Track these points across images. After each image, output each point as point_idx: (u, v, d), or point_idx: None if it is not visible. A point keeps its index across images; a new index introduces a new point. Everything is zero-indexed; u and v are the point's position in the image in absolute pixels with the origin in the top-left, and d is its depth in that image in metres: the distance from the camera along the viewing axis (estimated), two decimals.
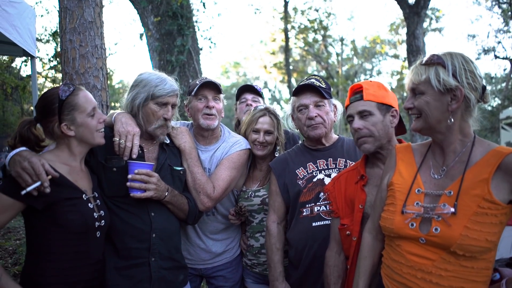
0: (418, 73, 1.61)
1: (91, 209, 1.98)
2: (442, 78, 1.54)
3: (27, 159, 1.77)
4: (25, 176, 1.74)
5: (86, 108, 1.98)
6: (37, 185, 1.75)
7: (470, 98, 1.55)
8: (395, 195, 1.71)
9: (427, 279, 1.53)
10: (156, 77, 2.29)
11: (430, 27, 25.70)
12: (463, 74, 1.54)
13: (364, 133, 1.99)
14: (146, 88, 2.25)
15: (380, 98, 2.03)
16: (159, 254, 2.22)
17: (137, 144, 2.16)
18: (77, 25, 3.00)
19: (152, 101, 2.25)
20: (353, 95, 2.07)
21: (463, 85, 1.54)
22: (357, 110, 2.01)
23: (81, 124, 1.97)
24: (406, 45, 12.65)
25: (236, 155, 2.63)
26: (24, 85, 11.60)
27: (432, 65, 1.58)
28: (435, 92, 1.57)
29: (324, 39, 27.46)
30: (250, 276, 2.80)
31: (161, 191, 2.17)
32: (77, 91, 1.99)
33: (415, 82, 1.62)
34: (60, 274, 1.86)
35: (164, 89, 2.25)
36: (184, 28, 8.18)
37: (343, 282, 2.09)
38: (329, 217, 2.29)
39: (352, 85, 2.13)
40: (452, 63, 1.55)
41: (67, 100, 1.94)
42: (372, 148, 2.00)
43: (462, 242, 1.46)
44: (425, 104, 1.60)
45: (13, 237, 6.94)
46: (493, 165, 1.50)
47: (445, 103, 1.57)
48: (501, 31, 18.95)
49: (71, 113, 1.95)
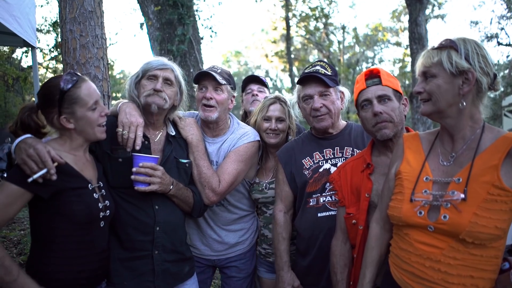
0: (430, 56, 1.60)
1: (96, 199, 1.97)
2: (455, 60, 1.53)
3: (33, 146, 1.75)
4: (30, 163, 1.72)
5: (87, 102, 1.93)
6: (44, 172, 1.73)
7: (482, 82, 1.54)
8: (403, 183, 1.69)
9: (436, 268, 1.52)
10: (151, 58, 2.32)
11: (432, 14, 25.44)
12: (476, 58, 1.53)
13: (385, 118, 1.96)
14: (140, 69, 2.28)
15: (395, 85, 2.02)
16: (162, 247, 2.21)
17: (141, 135, 2.13)
18: (77, 15, 2.97)
19: (143, 77, 2.27)
20: (370, 79, 2.02)
21: (475, 69, 1.52)
22: (377, 95, 1.97)
23: (81, 118, 1.93)
24: (408, 32, 12.52)
25: (243, 148, 2.58)
26: (25, 76, 11.59)
27: (445, 48, 1.57)
28: (447, 74, 1.56)
29: (325, 27, 27.27)
30: (263, 265, 2.80)
31: (166, 184, 2.15)
32: (80, 82, 1.94)
33: (426, 65, 1.61)
34: (65, 263, 1.87)
35: (152, 64, 2.27)
36: (185, 17, 8.12)
37: (349, 271, 2.10)
38: (335, 208, 2.28)
39: (366, 70, 2.10)
40: (464, 46, 1.55)
41: (68, 92, 1.89)
42: (392, 133, 1.97)
43: (471, 229, 1.44)
44: (437, 87, 1.58)
45: (18, 228, 6.99)
46: (503, 151, 1.49)
47: (457, 86, 1.55)
48: (504, 17, 18.75)
49: (72, 106, 1.90)
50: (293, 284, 2.39)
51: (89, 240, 1.94)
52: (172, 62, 2.35)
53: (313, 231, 2.33)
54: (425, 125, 11.55)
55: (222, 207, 2.69)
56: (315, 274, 2.35)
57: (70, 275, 1.87)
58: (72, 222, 1.87)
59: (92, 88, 1.99)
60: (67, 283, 1.87)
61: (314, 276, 2.36)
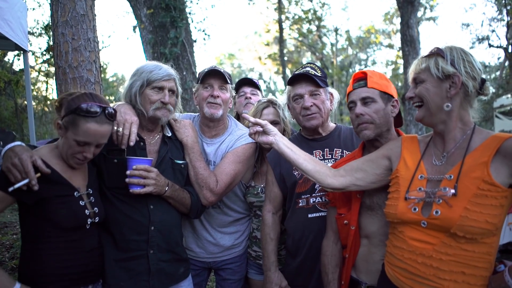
0: (419, 63, 1.73)
1: (82, 206, 1.98)
2: (441, 66, 1.65)
3: (18, 156, 1.78)
4: (14, 172, 1.75)
5: (78, 136, 1.89)
6: (25, 182, 1.76)
7: (468, 85, 1.63)
8: (399, 182, 1.76)
9: (428, 264, 1.56)
10: (151, 64, 2.31)
11: (424, 16, 25.64)
12: (461, 63, 1.64)
13: (365, 119, 2.00)
14: (142, 75, 2.26)
15: (383, 87, 2.05)
16: (157, 246, 2.22)
17: (135, 132, 2.15)
18: (69, 18, 2.97)
19: (148, 87, 2.25)
20: (356, 81, 2.07)
21: (461, 73, 1.63)
22: (360, 97, 2.02)
23: (67, 138, 1.92)
24: (400, 34, 12.62)
25: (241, 149, 2.60)
26: (17, 80, 11.51)
27: (433, 55, 1.70)
28: (435, 79, 1.67)
29: (318, 29, 27.39)
30: (253, 267, 2.82)
31: (161, 186, 2.16)
32: (93, 120, 1.89)
33: (416, 72, 1.74)
34: (55, 260, 1.90)
35: (158, 73, 2.25)
36: (177, 20, 8.13)
37: (340, 271, 2.12)
38: (325, 209, 2.30)
39: (355, 73, 2.14)
40: (451, 53, 1.66)
41: (77, 115, 1.88)
42: (372, 135, 2.01)
43: (462, 223, 1.49)
44: (425, 90, 1.69)
45: (10, 232, 6.93)
46: (493, 149, 1.55)
47: (444, 89, 1.65)
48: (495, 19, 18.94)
49: (68, 125, 1.90)
50: (280, 284, 2.41)
51: (75, 239, 1.96)
52: (172, 70, 2.36)
53: (303, 232, 2.35)
54: (417, 127, 11.63)
55: (218, 209, 2.70)
56: (305, 275, 2.37)
57: (60, 270, 1.90)
58: (58, 227, 1.90)
59: (97, 132, 1.92)
60: (56, 278, 1.89)
61: (304, 276, 2.37)
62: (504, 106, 13.88)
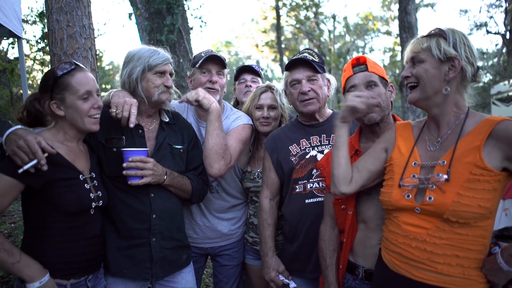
0: (419, 42, 1.68)
1: (87, 189, 1.98)
2: (443, 47, 1.62)
3: (22, 137, 1.75)
4: (21, 154, 1.73)
5: (78, 90, 1.93)
6: (34, 163, 1.74)
7: (467, 71, 1.62)
8: (394, 169, 1.76)
9: (421, 248, 1.57)
10: (148, 49, 2.30)
11: (422, 2, 25.50)
12: (462, 47, 1.62)
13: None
14: (140, 61, 2.24)
15: (381, 72, 2.06)
16: (160, 234, 2.23)
17: (135, 113, 2.13)
18: (64, 5, 2.93)
19: (149, 72, 2.25)
20: (356, 66, 2.06)
21: (462, 57, 1.61)
22: (365, 80, 2.02)
23: (70, 105, 1.93)
24: (398, 21, 12.55)
25: (241, 128, 2.63)
26: (12, 68, 11.40)
27: (434, 36, 1.66)
28: (435, 60, 1.63)
29: (316, 16, 27.20)
30: (250, 253, 2.84)
31: (159, 175, 2.15)
32: (75, 71, 1.95)
33: (415, 51, 1.69)
34: (56, 247, 1.89)
35: (159, 58, 2.26)
36: (174, 6, 8.03)
37: (338, 256, 2.13)
38: (322, 194, 2.32)
39: (352, 58, 2.14)
40: (453, 36, 1.63)
41: (61, 79, 1.92)
42: (378, 117, 2.00)
43: (455, 208, 1.49)
44: (424, 71, 1.65)
45: (8, 221, 6.95)
46: (485, 133, 1.54)
47: (443, 72, 1.63)
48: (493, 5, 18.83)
49: (62, 92, 1.92)
50: (277, 269, 2.44)
51: (79, 226, 1.95)
52: (168, 53, 2.37)
53: (301, 217, 2.36)
54: (415, 114, 11.65)
55: (216, 193, 2.71)
56: (302, 260, 2.39)
57: (62, 258, 1.90)
58: (63, 211, 1.89)
59: (87, 78, 1.99)
60: (59, 267, 1.89)
61: (301, 262, 2.40)
62: (501, 93, 13.90)
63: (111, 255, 2.15)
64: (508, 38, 16.68)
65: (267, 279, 2.45)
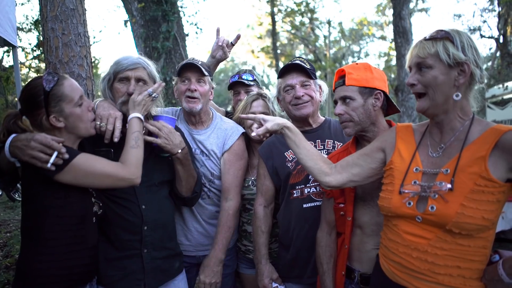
0: (425, 47, 1.57)
1: (90, 192, 2.00)
2: (452, 52, 1.52)
3: (31, 139, 1.75)
4: (38, 154, 1.73)
5: (73, 98, 1.93)
6: (55, 155, 1.75)
7: (476, 74, 1.54)
8: (394, 174, 1.70)
9: (423, 258, 1.53)
10: (120, 57, 2.25)
11: (416, 7, 25.70)
12: (470, 50, 1.53)
13: (344, 118, 2.02)
14: (109, 70, 2.23)
15: (363, 82, 2.01)
16: (151, 245, 2.20)
17: (119, 128, 2.10)
18: (59, 13, 2.93)
19: (115, 80, 2.21)
20: (337, 80, 2.07)
21: (471, 61, 1.53)
22: (340, 96, 2.03)
23: (70, 115, 1.92)
24: (393, 26, 12.64)
25: (236, 146, 2.64)
26: (7, 76, 11.35)
27: (440, 39, 1.56)
28: (444, 65, 1.54)
29: (311, 22, 27.35)
30: (243, 261, 2.82)
31: (173, 145, 2.17)
32: (62, 80, 1.94)
33: (421, 56, 1.58)
34: (58, 258, 1.86)
35: (122, 64, 2.18)
36: (169, 13, 8.06)
37: (334, 261, 2.13)
38: (320, 198, 2.32)
39: (337, 69, 2.14)
40: (460, 38, 1.54)
41: (52, 92, 1.88)
42: (353, 132, 2.03)
43: (458, 220, 1.45)
44: (433, 78, 1.56)
45: (3, 230, 6.89)
46: (491, 142, 1.48)
47: (453, 77, 1.54)
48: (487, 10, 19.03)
49: (58, 104, 1.90)
50: (271, 276, 2.43)
51: (82, 234, 1.94)
52: (144, 58, 2.28)
53: (299, 222, 2.36)
54: (411, 118, 11.69)
55: (208, 199, 2.68)
56: (300, 266, 2.39)
57: (63, 270, 1.87)
58: (68, 215, 1.88)
59: (75, 84, 1.99)
60: (59, 279, 1.86)
61: (300, 267, 2.39)
62: (495, 96, 13.96)
63: (102, 266, 2.12)
64: (502, 42, 16.82)
65: (260, 287, 2.45)
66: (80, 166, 1.83)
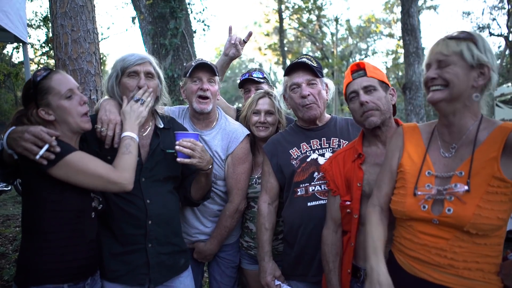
0: (449, 45, 1.60)
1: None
2: (476, 53, 1.56)
3: (25, 131, 1.77)
4: (30, 147, 1.74)
5: (59, 90, 1.93)
6: (46, 147, 1.76)
7: (493, 78, 1.58)
8: (405, 177, 1.72)
9: (442, 255, 1.57)
10: (125, 53, 2.28)
11: (425, 5, 25.50)
12: (489, 55, 1.58)
13: (371, 106, 2.00)
14: (116, 66, 2.25)
15: (380, 76, 2.07)
16: (156, 240, 2.21)
17: (119, 134, 2.11)
18: (68, 10, 2.96)
19: (123, 75, 2.23)
20: (355, 72, 2.08)
21: (492, 64, 1.57)
22: (362, 86, 2.03)
23: (57, 107, 1.93)
24: (401, 23, 12.53)
25: (239, 149, 2.67)
26: (16, 72, 11.46)
27: (464, 40, 1.59)
28: (466, 65, 1.57)
29: (318, 19, 27.22)
30: (245, 257, 2.85)
31: (206, 161, 2.24)
32: (52, 74, 1.95)
33: (445, 53, 1.60)
34: (57, 252, 1.88)
35: (130, 59, 2.22)
36: (177, 10, 8.08)
37: (340, 260, 2.14)
38: (325, 197, 2.31)
39: (351, 64, 2.16)
40: (482, 42, 1.58)
41: (40, 84, 1.91)
42: (379, 121, 2.01)
43: (475, 221, 1.49)
44: (455, 74, 1.57)
45: (13, 224, 6.99)
46: (500, 142, 1.52)
47: (472, 78, 1.57)
48: (496, 7, 18.84)
49: (45, 97, 1.91)
50: (274, 273, 2.43)
51: (80, 229, 1.96)
52: (148, 55, 2.32)
53: (303, 220, 2.35)
54: (418, 116, 11.61)
55: (211, 199, 2.69)
56: (305, 264, 2.38)
57: (63, 264, 1.89)
58: (66, 209, 1.90)
59: (65, 78, 1.99)
60: (59, 273, 1.88)
61: (305, 265, 2.39)
62: (504, 95, 13.86)
63: (106, 261, 2.13)
64: (511, 40, 16.64)
65: (263, 284, 2.45)
66: (73, 163, 1.84)
